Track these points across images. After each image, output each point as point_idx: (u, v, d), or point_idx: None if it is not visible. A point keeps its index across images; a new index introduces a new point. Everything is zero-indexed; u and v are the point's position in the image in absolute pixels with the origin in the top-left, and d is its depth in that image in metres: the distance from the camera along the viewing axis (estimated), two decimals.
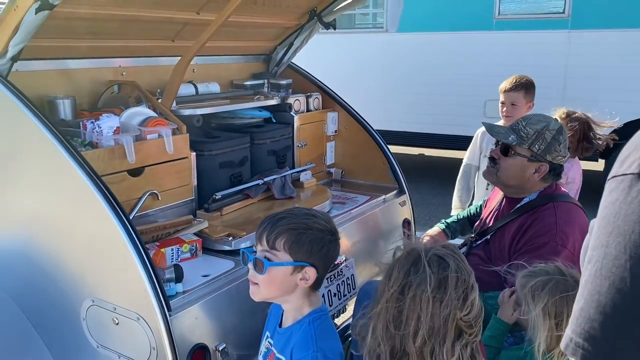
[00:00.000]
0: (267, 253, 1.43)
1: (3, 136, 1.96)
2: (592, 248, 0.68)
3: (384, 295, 1.36)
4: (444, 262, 1.34)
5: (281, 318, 1.55)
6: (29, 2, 1.78)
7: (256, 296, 1.48)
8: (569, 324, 0.70)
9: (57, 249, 1.92)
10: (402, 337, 1.34)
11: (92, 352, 1.86)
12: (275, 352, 1.50)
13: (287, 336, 1.48)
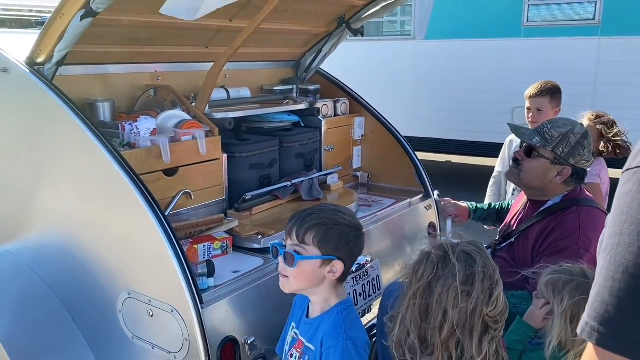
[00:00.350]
0: (297, 247, 1.50)
1: (47, 137, 2.08)
2: (607, 237, 0.72)
3: (412, 288, 1.41)
4: (471, 259, 1.39)
5: (307, 309, 1.61)
6: (75, 9, 1.89)
7: (286, 288, 1.55)
8: (585, 309, 0.73)
9: (96, 244, 2.02)
10: (428, 329, 1.39)
11: (127, 343, 1.95)
12: (304, 341, 1.56)
13: (315, 326, 1.54)
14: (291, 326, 1.68)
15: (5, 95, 2.18)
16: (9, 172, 2.30)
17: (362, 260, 2.45)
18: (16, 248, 2.32)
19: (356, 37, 3.28)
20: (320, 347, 1.49)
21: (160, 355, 1.85)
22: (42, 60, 2.07)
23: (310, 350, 1.53)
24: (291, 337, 1.65)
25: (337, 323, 1.50)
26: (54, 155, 2.08)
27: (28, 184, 2.23)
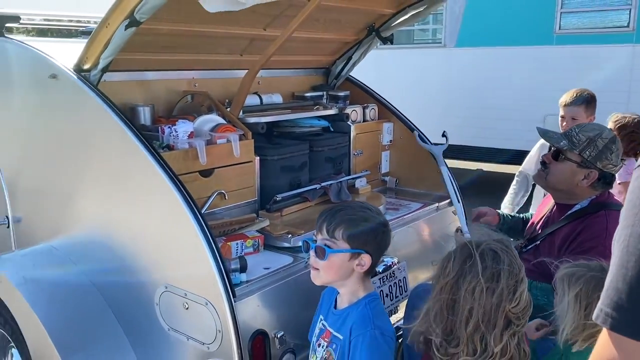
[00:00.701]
0: (327, 241, 1.58)
1: (92, 139, 2.22)
2: (620, 229, 0.77)
3: (439, 283, 1.47)
4: (497, 256, 1.44)
5: (335, 302, 1.69)
6: (120, 19, 2.01)
7: (317, 280, 1.63)
8: (600, 298, 0.78)
9: (135, 240, 2.14)
10: (454, 322, 1.44)
11: (163, 334, 2.05)
12: (332, 331, 1.63)
13: (343, 317, 1.61)
14: (319, 318, 1.75)
15: (54, 99, 2.33)
16: (55, 172, 2.45)
17: (389, 261, 2.51)
18: (60, 244, 2.46)
19: (385, 44, 3.35)
20: (349, 336, 1.56)
21: (194, 347, 1.94)
22: (88, 67, 2.20)
23: (338, 339, 1.60)
24: (319, 329, 1.72)
25: (365, 313, 1.58)
26: (98, 156, 2.21)
27: (72, 183, 2.37)
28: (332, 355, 1.60)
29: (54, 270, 2.36)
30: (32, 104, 2.47)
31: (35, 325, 2.13)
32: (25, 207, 2.68)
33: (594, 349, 0.79)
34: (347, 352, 1.56)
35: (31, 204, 2.64)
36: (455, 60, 6.54)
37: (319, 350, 1.67)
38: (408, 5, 2.99)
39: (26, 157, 2.60)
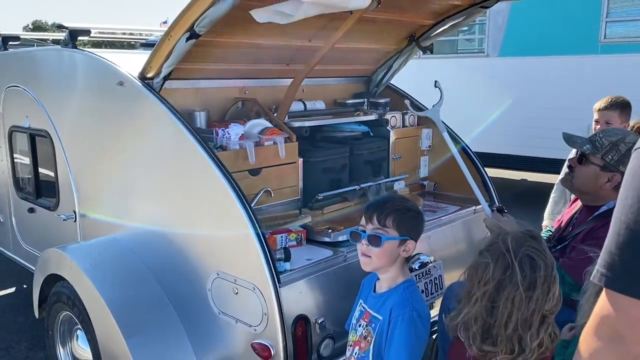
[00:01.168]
0: (379, 230, 1.75)
1: (153, 140, 2.45)
2: (617, 203, 0.90)
3: (478, 290, 1.54)
4: (534, 263, 1.52)
5: (374, 286, 1.84)
6: (181, 32, 2.24)
7: (368, 267, 1.80)
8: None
9: (190, 231, 2.35)
10: (491, 324, 1.53)
11: (214, 317, 2.25)
12: (371, 312, 1.80)
13: (383, 299, 1.77)
14: (359, 302, 1.91)
15: (120, 104, 2.59)
16: (118, 170, 2.70)
17: (426, 259, 2.63)
18: (121, 236, 2.71)
19: (425, 54, 3.49)
20: (389, 316, 1.72)
21: (242, 329, 2.13)
22: (151, 75, 2.45)
23: (378, 320, 1.76)
24: (359, 311, 1.88)
25: (404, 296, 1.74)
26: (158, 156, 2.44)
27: (133, 181, 2.61)
28: (371, 333, 1.76)
29: (116, 258, 2.61)
30: (100, 109, 2.74)
31: (101, 307, 2.36)
32: (90, 204, 2.95)
33: (595, 307, 0.91)
34: (386, 330, 1.71)
35: (95, 200, 2.91)
36: (498, 70, 6.57)
37: (359, 330, 1.83)
38: (447, 17, 3.12)
39: (92, 157, 2.87)
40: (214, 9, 2.11)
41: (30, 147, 3.36)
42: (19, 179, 3.64)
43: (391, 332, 1.69)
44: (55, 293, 2.72)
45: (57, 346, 2.86)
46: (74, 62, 2.85)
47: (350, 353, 1.84)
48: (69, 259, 2.54)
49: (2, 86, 3.53)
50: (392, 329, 1.69)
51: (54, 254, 2.68)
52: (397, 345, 1.66)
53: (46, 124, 3.11)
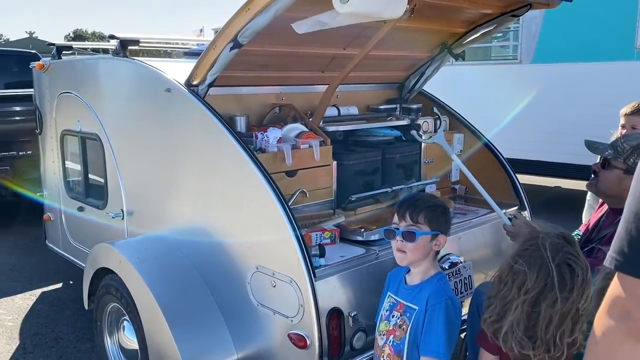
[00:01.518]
0: (413, 226, 1.88)
1: (198, 143, 2.62)
2: (629, 196, 1.00)
3: (518, 299, 1.61)
4: (573, 270, 1.59)
5: (404, 279, 1.97)
6: (225, 42, 2.41)
7: (403, 262, 1.93)
8: None
9: (231, 229, 2.50)
10: (534, 330, 1.61)
11: (252, 309, 2.39)
12: (405, 302, 1.92)
13: (417, 290, 1.91)
14: (387, 295, 2.02)
15: (167, 110, 2.77)
16: (163, 171, 2.88)
17: (456, 259, 2.72)
18: (166, 233, 2.88)
19: (457, 61, 3.57)
20: (425, 305, 1.85)
21: (280, 320, 2.26)
22: (197, 83, 2.62)
23: (413, 309, 1.89)
24: (389, 303, 1.99)
25: (439, 287, 1.89)
26: (202, 157, 2.61)
27: (178, 181, 2.78)
28: (406, 322, 1.89)
29: (161, 253, 2.78)
30: (148, 114, 2.92)
31: (149, 298, 2.53)
32: (137, 203, 3.14)
33: (608, 289, 1.00)
34: (422, 319, 1.85)
35: (141, 199, 3.10)
36: (532, 77, 6.57)
37: (392, 320, 1.94)
38: (478, 25, 3.21)
39: (140, 159, 3.06)
40: (256, 20, 2.27)
41: (81, 149, 3.59)
42: (69, 180, 3.87)
43: (428, 320, 1.82)
44: (104, 286, 2.91)
45: (105, 336, 3.05)
46: (125, 70, 3.05)
47: (384, 342, 1.95)
48: (118, 254, 2.72)
49: (56, 92, 3.78)
50: (430, 317, 1.82)
51: (104, 249, 2.87)
52: (436, 331, 1.80)
53: (97, 127, 3.33)
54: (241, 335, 2.47)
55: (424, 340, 1.83)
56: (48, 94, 3.91)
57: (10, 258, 5.45)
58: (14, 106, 6.04)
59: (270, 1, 2.18)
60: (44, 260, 5.35)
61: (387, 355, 1.94)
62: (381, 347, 1.98)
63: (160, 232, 2.92)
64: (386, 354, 1.95)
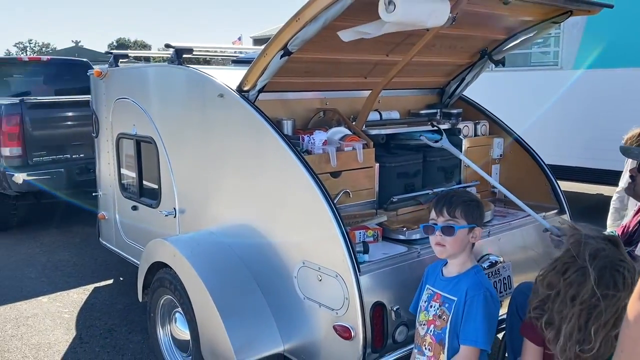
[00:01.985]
0: (451, 221, 2.00)
1: (249, 144, 2.77)
2: None
3: (572, 308, 1.68)
4: (625, 277, 1.66)
5: (441, 272, 2.08)
6: (276, 50, 2.56)
7: (443, 254, 2.05)
8: None
9: (279, 226, 2.64)
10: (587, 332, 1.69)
11: (299, 302, 2.52)
12: (443, 293, 2.03)
13: (455, 282, 2.01)
14: (426, 287, 2.13)
15: (220, 114, 2.94)
16: (215, 172, 3.05)
17: (495, 259, 2.79)
18: (216, 229, 3.05)
19: (497, 67, 3.64)
20: (464, 297, 1.96)
21: (325, 312, 2.38)
22: (247, 88, 2.78)
23: (452, 300, 2.00)
24: (427, 295, 2.10)
25: (477, 279, 2.00)
26: (252, 158, 2.76)
27: (229, 180, 2.95)
28: (445, 313, 1.99)
29: (212, 249, 2.95)
30: (201, 118, 3.11)
31: (202, 291, 2.69)
32: (189, 202, 3.32)
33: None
34: (461, 309, 1.95)
35: (193, 198, 3.28)
36: (573, 82, 6.52)
37: (430, 310, 2.05)
38: (519, 31, 3.27)
39: (192, 160, 3.25)
40: (305, 30, 2.41)
41: (136, 151, 3.81)
42: (123, 181, 4.11)
43: (468, 310, 1.93)
44: (159, 279, 3.09)
45: (158, 327, 3.24)
46: (180, 77, 3.25)
47: (425, 331, 2.06)
48: (173, 248, 2.90)
49: (112, 98, 4.02)
50: (469, 308, 1.93)
51: (159, 244, 3.06)
52: (475, 321, 1.91)
53: (152, 131, 3.54)
54: (287, 326, 2.60)
55: (464, 330, 1.93)
56: (105, 99, 4.16)
57: (64, 255, 5.76)
58: (67, 112, 6.38)
59: (319, 11, 2.31)
60: (95, 257, 5.64)
61: (428, 344, 2.04)
62: (422, 337, 2.08)
63: (211, 229, 3.09)
64: (428, 343, 2.05)
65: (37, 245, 6.13)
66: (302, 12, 2.38)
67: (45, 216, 7.21)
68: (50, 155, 6.22)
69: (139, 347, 3.71)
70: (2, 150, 6.02)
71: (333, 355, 2.38)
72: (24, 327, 4.06)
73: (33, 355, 3.65)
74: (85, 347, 3.75)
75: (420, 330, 2.11)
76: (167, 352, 3.19)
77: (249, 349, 2.57)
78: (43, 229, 6.71)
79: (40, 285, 4.92)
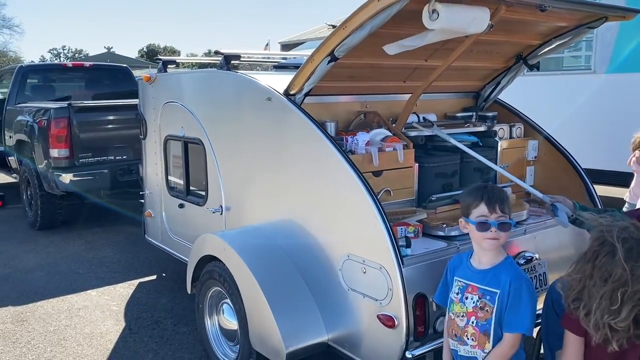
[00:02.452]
0: (504, 217, 2.13)
1: (296, 144, 2.94)
2: None
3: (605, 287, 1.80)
4: None
5: (470, 264, 2.22)
6: (323, 56, 2.72)
7: (495, 248, 2.16)
8: None
9: (325, 221, 2.80)
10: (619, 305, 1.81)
11: (343, 293, 2.67)
12: (481, 286, 2.15)
13: (492, 274, 2.14)
14: (454, 280, 2.25)
15: (267, 116, 3.12)
16: (261, 171, 3.23)
17: (531, 256, 2.90)
18: (262, 225, 3.22)
19: (532, 71, 3.74)
20: (508, 287, 2.08)
21: (369, 302, 2.53)
22: (294, 92, 2.95)
23: (494, 293, 2.11)
24: (459, 287, 2.22)
25: (516, 270, 2.14)
26: (299, 157, 2.93)
27: (275, 179, 3.12)
28: (488, 304, 2.11)
29: (259, 243, 3.12)
30: (249, 120, 3.29)
31: (251, 282, 2.86)
32: (235, 199, 3.51)
33: None
34: (506, 300, 2.08)
35: (239, 196, 3.46)
36: (606, 86, 6.53)
37: (468, 302, 2.17)
38: (554, 37, 3.37)
39: (239, 159, 3.43)
40: (352, 37, 2.57)
41: (184, 152, 4.02)
42: (170, 180, 4.33)
43: (512, 301, 2.06)
44: (208, 271, 3.28)
45: (205, 317, 3.42)
46: (229, 82, 3.44)
47: (466, 322, 2.17)
48: (223, 242, 3.08)
49: (161, 102, 4.25)
50: (513, 298, 2.06)
51: (209, 238, 3.25)
52: (519, 309, 2.05)
53: (199, 132, 3.74)
54: (331, 316, 2.75)
55: (509, 319, 2.06)
56: (153, 103, 4.39)
57: (108, 253, 6.03)
58: (111, 115, 6.68)
59: (365, 20, 2.47)
60: (137, 255, 5.89)
61: (471, 335, 2.16)
62: (463, 328, 2.20)
63: (257, 225, 3.27)
64: (470, 334, 2.17)
65: (82, 242, 6.42)
66: (349, 21, 2.54)
67: (88, 215, 7.52)
68: (95, 157, 6.51)
69: (185, 337, 3.91)
70: (50, 151, 6.33)
71: (376, 343, 2.53)
72: (77, 318, 4.31)
73: (87, 343, 3.88)
74: (134, 337, 3.96)
75: (458, 322, 2.21)
76: (214, 341, 3.37)
77: (296, 337, 2.73)
78: (86, 228, 7.02)
79: (88, 279, 5.19)
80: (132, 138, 6.52)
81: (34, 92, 8.16)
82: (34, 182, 6.73)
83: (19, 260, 5.76)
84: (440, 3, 2.31)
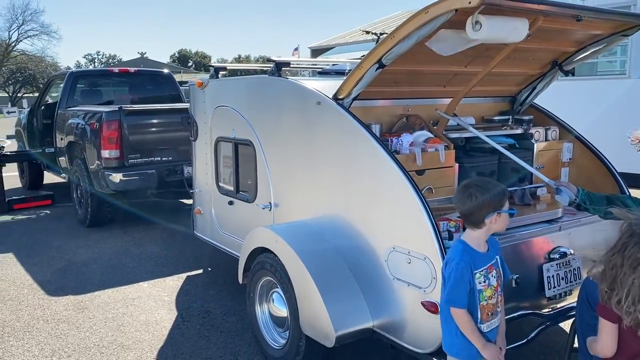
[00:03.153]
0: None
1: (344, 145, 3.17)
2: None
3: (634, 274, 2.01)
4: None
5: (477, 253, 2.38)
6: (371, 63, 2.95)
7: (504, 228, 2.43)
8: None
9: (373, 216, 3.01)
10: None
11: (388, 282, 2.88)
12: (492, 263, 2.39)
13: (490, 251, 2.41)
14: (475, 275, 2.34)
15: (317, 119, 3.36)
16: (311, 169, 3.47)
17: (566, 251, 3.06)
18: (310, 220, 3.46)
19: (567, 77, 3.90)
20: (497, 252, 2.46)
21: (413, 290, 2.74)
22: (342, 97, 3.19)
23: (496, 261, 2.41)
24: (482, 275, 2.35)
25: (492, 240, 2.47)
26: (347, 157, 3.16)
27: (324, 177, 3.36)
28: (499, 270, 2.42)
29: (308, 236, 3.36)
30: (299, 122, 3.54)
31: (302, 271, 3.10)
32: (283, 196, 3.76)
33: None
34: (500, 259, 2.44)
35: (288, 193, 3.71)
36: None
37: (492, 281, 2.36)
38: (589, 44, 3.53)
39: (288, 159, 3.69)
40: (399, 46, 2.80)
41: (234, 153, 4.30)
42: (220, 179, 4.61)
43: (502, 259, 2.45)
44: (259, 262, 3.54)
45: (256, 305, 3.68)
46: (280, 87, 3.70)
47: (496, 295, 2.38)
48: (275, 235, 3.34)
49: (213, 106, 4.55)
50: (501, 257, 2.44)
51: (261, 232, 3.51)
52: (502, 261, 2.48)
53: (250, 134, 4.02)
54: (376, 304, 2.97)
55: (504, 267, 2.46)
56: (204, 107, 4.69)
57: (154, 248, 6.37)
58: (158, 118, 7.04)
59: (412, 31, 2.70)
60: (183, 250, 6.21)
61: (499, 302, 2.41)
62: (495, 303, 2.38)
63: (305, 220, 3.51)
64: (499, 302, 2.41)
65: (130, 239, 6.78)
66: (397, 31, 2.77)
67: (133, 213, 7.89)
68: (143, 158, 6.88)
69: (234, 326, 4.18)
70: (102, 152, 6.72)
71: (419, 328, 2.74)
72: (132, 307, 4.63)
73: (144, 329, 4.19)
74: (187, 324, 4.25)
75: (491, 302, 2.37)
76: (264, 328, 3.62)
77: (344, 322, 2.96)
78: (132, 225, 7.40)
79: (138, 272, 5.52)
80: (177, 140, 6.90)
81: (83, 96, 8.62)
82: (85, 182, 7.13)
83: (73, 254, 6.15)
84: (483, 15, 2.52)
